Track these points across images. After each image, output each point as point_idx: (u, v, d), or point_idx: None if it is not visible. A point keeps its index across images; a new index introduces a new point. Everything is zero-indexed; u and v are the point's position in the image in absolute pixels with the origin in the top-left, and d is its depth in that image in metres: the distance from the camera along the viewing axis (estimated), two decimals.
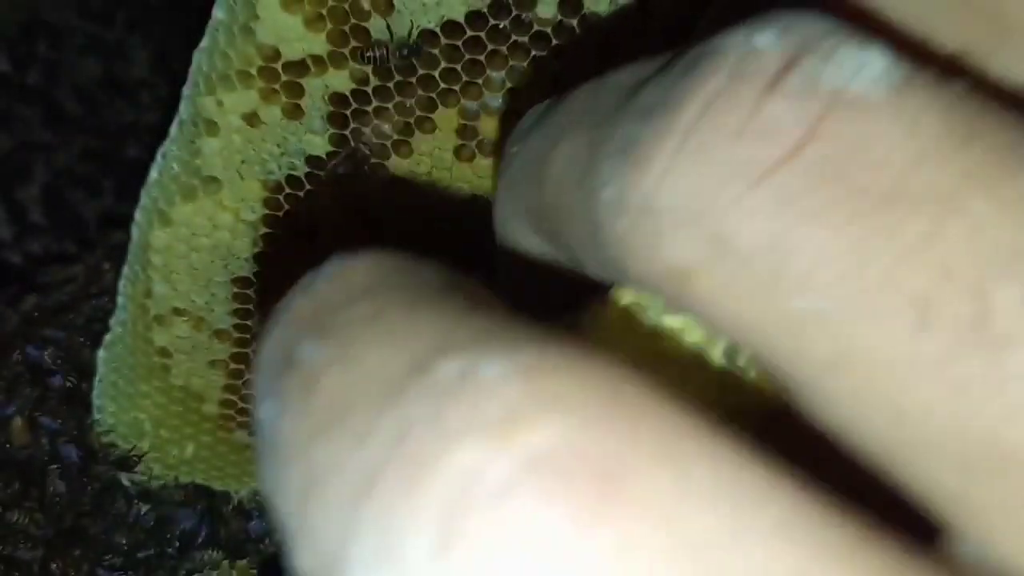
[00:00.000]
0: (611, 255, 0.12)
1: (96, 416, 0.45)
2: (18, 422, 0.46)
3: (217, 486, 0.48)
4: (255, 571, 0.48)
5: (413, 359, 0.10)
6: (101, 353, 0.44)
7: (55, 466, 0.47)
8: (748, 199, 0.10)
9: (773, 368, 0.11)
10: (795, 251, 0.10)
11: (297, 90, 0.36)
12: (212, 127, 0.37)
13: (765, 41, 0.11)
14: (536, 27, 0.34)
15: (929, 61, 0.11)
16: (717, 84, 0.11)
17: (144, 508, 0.48)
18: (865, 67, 0.10)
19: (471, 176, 0.38)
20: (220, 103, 0.36)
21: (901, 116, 0.10)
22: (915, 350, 0.10)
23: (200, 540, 0.48)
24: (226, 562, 0.47)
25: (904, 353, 0.10)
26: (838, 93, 0.10)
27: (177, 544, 0.48)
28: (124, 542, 0.47)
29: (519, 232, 0.15)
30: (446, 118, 0.36)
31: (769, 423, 0.12)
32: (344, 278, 0.11)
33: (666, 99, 0.11)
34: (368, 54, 0.34)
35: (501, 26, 0.34)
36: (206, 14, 0.35)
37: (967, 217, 0.10)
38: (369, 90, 0.36)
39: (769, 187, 0.10)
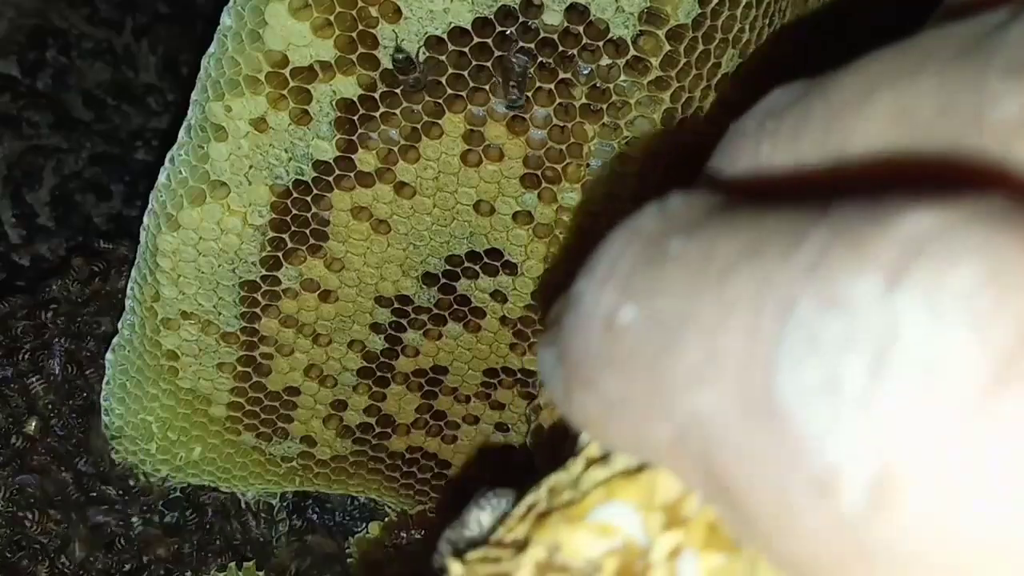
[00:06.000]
0: None
1: (104, 418, 0.45)
2: (32, 422, 0.46)
3: (224, 488, 0.48)
4: (261, 572, 0.48)
5: None
6: (109, 356, 0.44)
7: (63, 466, 0.47)
8: None
9: None
10: None
11: (305, 96, 0.36)
12: (220, 132, 0.37)
13: None
14: (543, 34, 0.34)
15: None
16: None
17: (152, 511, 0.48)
18: None
19: (477, 180, 0.38)
20: (228, 108, 0.36)
21: None
22: None
23: (208, 541, 0.48)
24: (233, 564, 0.48)
25: None
26: None
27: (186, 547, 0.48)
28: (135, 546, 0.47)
29: None
30: (453, 123, 0.37)
31: None
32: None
33: None
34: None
35: (508, 32, 0.34)
36: (214, 20, 0.35)
37: None
38: (377, 96, 0.36)
39: None
